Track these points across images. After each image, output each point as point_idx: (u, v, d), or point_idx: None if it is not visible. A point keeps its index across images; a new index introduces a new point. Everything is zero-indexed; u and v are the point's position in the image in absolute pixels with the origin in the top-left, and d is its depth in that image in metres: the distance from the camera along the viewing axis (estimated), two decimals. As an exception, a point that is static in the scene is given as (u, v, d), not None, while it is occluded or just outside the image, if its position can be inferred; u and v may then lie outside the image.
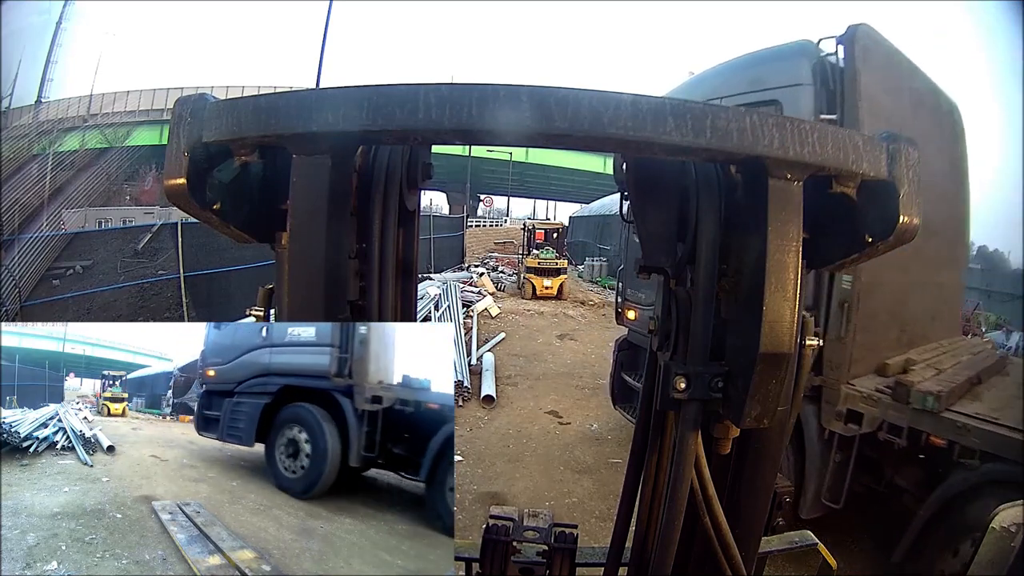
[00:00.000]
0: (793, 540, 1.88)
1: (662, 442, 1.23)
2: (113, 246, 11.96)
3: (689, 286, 1.02)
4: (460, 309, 12.69)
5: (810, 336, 1.01)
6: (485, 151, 37.89)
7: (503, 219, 50.61)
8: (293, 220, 0.88)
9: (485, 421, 7.33)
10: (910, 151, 0.85)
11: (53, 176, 22.53)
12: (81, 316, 10.35)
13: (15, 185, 19.66)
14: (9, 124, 24.12)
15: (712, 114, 0.77)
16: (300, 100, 0.79)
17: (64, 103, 29.35)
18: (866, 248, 0.90)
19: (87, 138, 28.07)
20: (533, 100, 0.74)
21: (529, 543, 1.78)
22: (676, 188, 1.05)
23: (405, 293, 1.20)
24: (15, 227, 16.41)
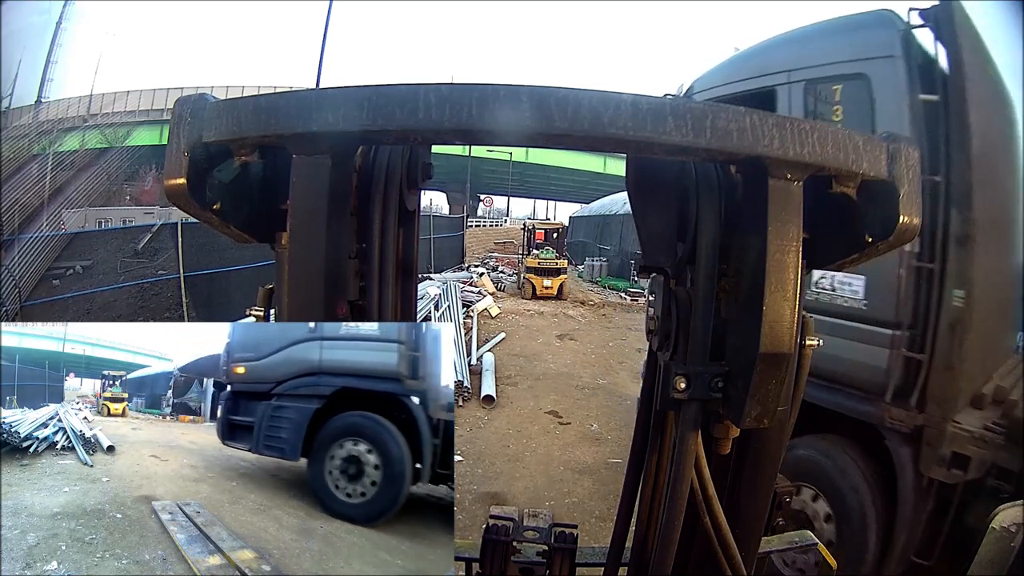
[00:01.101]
0: (793, 540, 1.88)
1: (662, 442, 1.23)
2: (113, 246, 11.97)
3: (689, 286, 1.02)
4: (460, 309, 12.69)
5: (810, 336, 1.01)
6: (485, 151, 37.92)
7: (503, 219, 50.65)
8: (293, 220, 0.88)
9: (485, 421, 7.33)
10: (910, 151, 0.85)
11: (53, 176, 22.54)
12: (81, 316, 10.36)
13: (15, 185, 19.66)
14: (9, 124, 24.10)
15: (712, 114, 0.77)
16: (300, 100, 0.79)
17: (64, 103, 29.33)
18: (866, 248, 0.90)
19: (87, 138, 28.08)
20: (533, 100, 0.74)
21: (529, 543, 1.78)
22: (676, 188, 1.05)
23: (405, 293, 1.20)
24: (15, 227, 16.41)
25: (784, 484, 1.53)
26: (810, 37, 3.99)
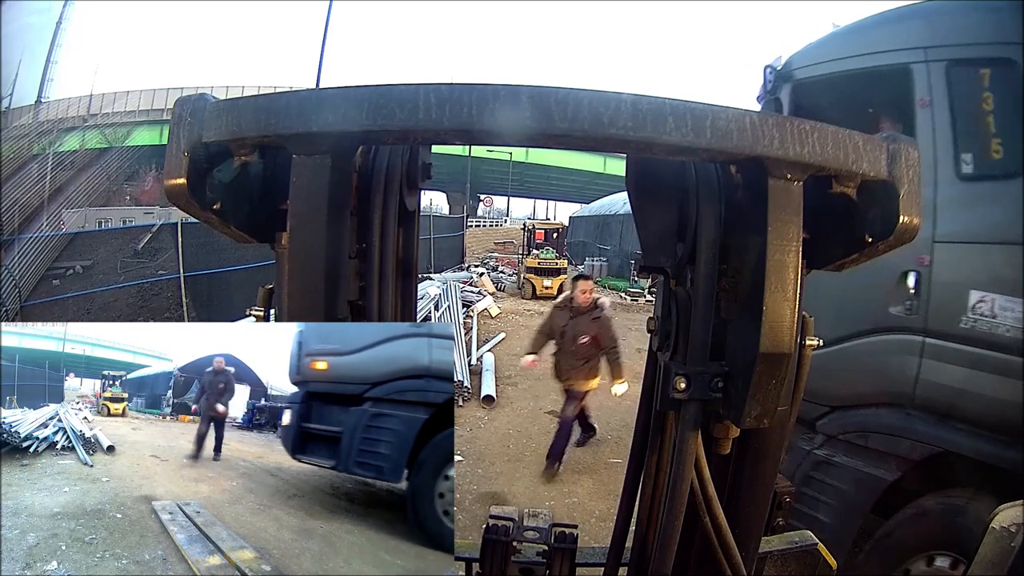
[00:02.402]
0: (793, 540, 1.88)
1: (662, 442, 1.23)
2: (113, 246, 12.00)
3: (689, 286, 1.02)
4: (460, 309, 12.68)
5: (810, 336, 1.01)
6: (485, 151, 37.97)
7: (503, 219, 50.68)
8: (293, 220, 0.88)
9: (485, 421, 7.33)
10: (910, 151, 0.85)
11: (53, 176, 22.57)
12: (81, 316, 10.37)
13: (15, 185, 19.68)
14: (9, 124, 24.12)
15: (712, 114, 0.77)
16: (300, 100, 0.79)
17: (64, 103, 29.38)
18: (866, 248, 0.90)
19: (87, 138, 28.11)
20: (533, 100, 0.74)
21: (529, 543, 1.78)
22: (676, 188, 1.05)
23: (405, 293, 1.20)
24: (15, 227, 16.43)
25: (784, 484, 1.53)
26: (939, 12, 3.42)
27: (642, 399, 1.32)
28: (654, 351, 1.22)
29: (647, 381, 1.30)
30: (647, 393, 1.29)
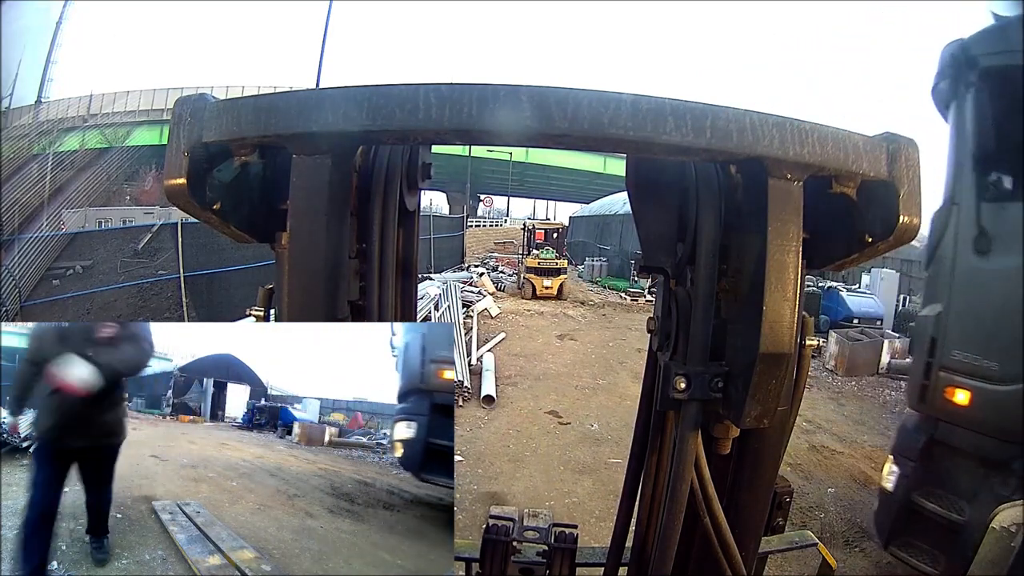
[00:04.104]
0: (793, 540, 1.88)
1: (662, 442, 1.23)
2: (113, 246, 11.98)
3: (689, 286, 1.02)
4: (460, 309, 12.68)
5: (810, 336, 1.01)
6: (485, 151, 37.91)
7: (503, 219, 50.66)
8: (293, 220, 0.88)
9: (485, 421, 7.33)
10: (910, 151, 0.85)
11: (53, 176, 22.55)
12: (81, 316, 10.37)
13: (15, 185, 19.67)
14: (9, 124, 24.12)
15: (712, 114, 0.77)
16: (300, 100, 0.79)
17: (64, 103, 29.37)
18: (866, 248, 0.90)
19: (87, 138, 28.09)
20: (533, 100, 0.74)
21: (529, 543, 1.78)
22: (676, 188, 1.05)
23: (405, 293, 1.20)
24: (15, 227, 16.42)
25: (784, 484, 1.53)
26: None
27: (642, 399, 1.32)
28: (654, 351, 1.22)
29: (647, 381, 1.29)
30: (647, 393, 1.29)
